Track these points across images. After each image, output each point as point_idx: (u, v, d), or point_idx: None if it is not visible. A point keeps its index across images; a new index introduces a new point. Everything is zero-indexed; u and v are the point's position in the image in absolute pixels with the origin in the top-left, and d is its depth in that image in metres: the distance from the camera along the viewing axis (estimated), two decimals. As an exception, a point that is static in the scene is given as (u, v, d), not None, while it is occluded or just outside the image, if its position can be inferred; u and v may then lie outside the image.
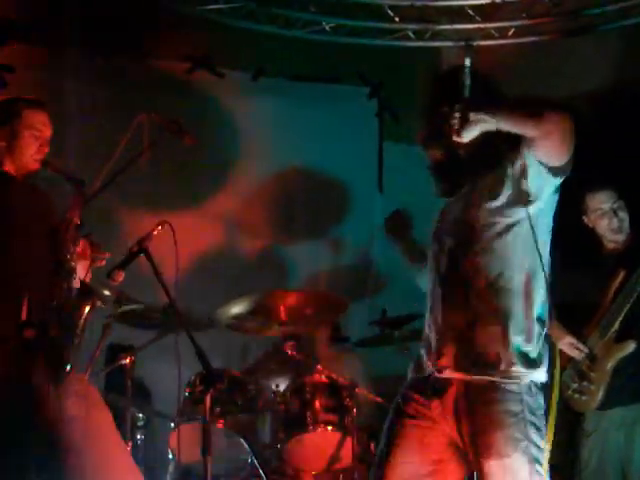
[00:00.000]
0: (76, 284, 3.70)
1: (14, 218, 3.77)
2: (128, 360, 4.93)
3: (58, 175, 3.84)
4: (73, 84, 6.36)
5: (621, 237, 4.64)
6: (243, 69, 7.14)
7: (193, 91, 6.98)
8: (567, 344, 4.57)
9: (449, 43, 6.88)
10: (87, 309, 3.64)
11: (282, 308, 5.01)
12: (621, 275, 4.48)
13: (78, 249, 3.71)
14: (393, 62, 7.15)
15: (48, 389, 3.45)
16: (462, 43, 6.77)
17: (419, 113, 3.32)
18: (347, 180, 7.43)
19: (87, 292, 3.68)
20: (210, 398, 3.62)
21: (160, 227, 3.79)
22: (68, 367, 3.54)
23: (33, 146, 3.85)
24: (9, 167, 3.88)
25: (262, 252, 7.16)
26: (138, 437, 5.07)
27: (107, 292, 4.70)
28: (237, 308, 4.99)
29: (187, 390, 5.04)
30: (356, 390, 4.97)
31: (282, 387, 5.15)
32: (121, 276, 3.71)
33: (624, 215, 4.65)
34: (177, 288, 3.80)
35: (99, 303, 3.76)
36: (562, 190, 3.12)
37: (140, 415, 5.12)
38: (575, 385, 4.59)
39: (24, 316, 3.35)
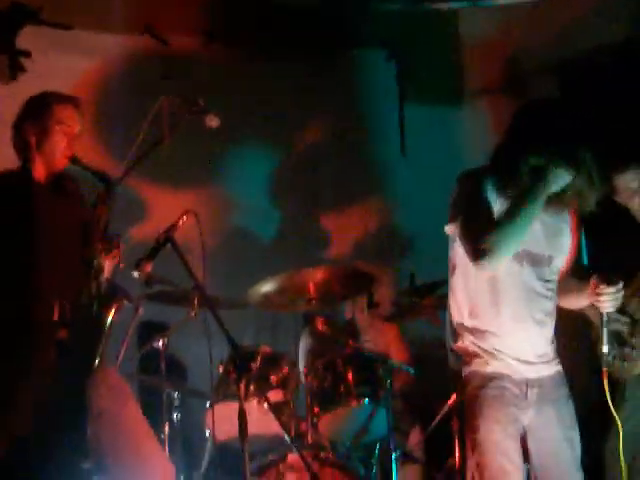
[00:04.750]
0: (104, 282, 3.71)
1: (41, 221, 3.77)
2: (161, 342, 4.98)
3: (87, 171, 3.81)
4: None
5: None
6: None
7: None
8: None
9: (466, 4, 6.81)
10: (115, 308, 3.67)
11: (311, 285, 5.03)
12: None
13: (107, 247, 3.71)
14: (410, 24, 7.07)
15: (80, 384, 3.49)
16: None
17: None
18: (370, 145, 7.38)
19: (115, 291, 3.70)
20: (244, 383, 3.64)
21: (185, 217, 3.80)
22: (97, 361, 3.56)
23: (63, 142, 3.83)
24: (38, 166, 3.88)
25: (289, 225, 7.14)
26: (174, 416, 5.10)
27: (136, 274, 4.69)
28: (266, 287, 5.00)
29: (221, 367, 5.05)
30: (388, 361, 5.00)
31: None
32: (149, 267, 3.72)
33: None
34: (206, 273, 3.81)
35: (126, 302, 3.76)
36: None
37: (175, 394, 5.15)
38: (615, 351, 4.45)
39: (56, 317, 3.37)
